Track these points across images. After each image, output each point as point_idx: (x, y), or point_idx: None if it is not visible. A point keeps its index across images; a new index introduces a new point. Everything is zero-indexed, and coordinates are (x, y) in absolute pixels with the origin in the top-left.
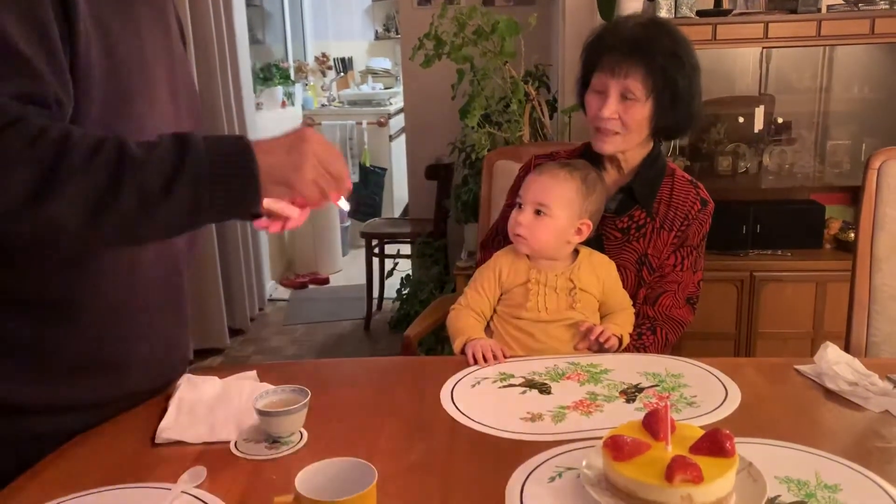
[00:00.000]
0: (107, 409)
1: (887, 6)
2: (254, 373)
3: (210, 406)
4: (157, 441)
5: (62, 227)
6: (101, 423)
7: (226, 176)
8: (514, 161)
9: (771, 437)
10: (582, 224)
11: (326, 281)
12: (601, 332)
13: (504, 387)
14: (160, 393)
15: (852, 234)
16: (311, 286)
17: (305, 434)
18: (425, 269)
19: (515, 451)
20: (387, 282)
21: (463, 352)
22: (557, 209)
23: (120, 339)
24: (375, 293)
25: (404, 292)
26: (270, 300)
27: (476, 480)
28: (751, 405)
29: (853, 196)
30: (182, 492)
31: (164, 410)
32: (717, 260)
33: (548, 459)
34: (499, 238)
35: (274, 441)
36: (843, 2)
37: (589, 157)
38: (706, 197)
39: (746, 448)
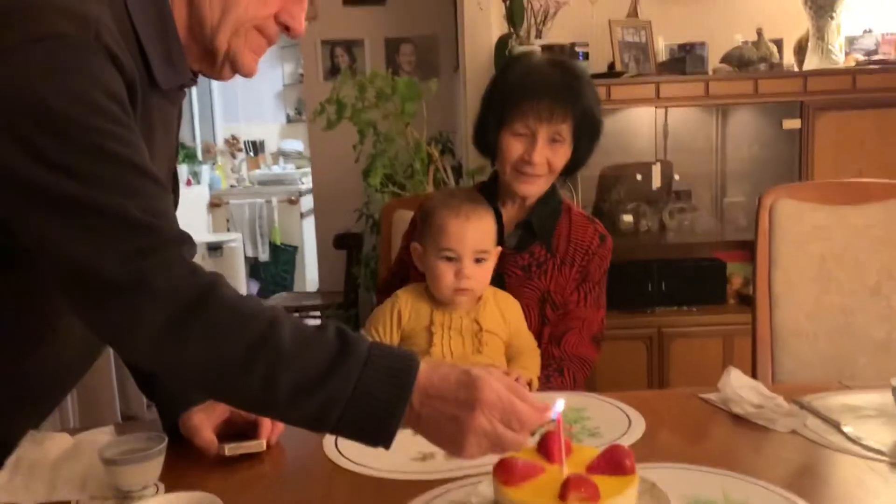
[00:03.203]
0: None
1: (767, 68)
2: (110, 427)
3: (54, 464)
4: None
5: (169, 367)
6: None
7: (364, 417)
8: (413, 211)
9: (677, 461)
10: (496, 252)
11: None
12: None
13: None
14: None
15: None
16: None
17: (162, 487)
18: None
19: (402, 492)
20: None
21: None
22: (493, 249)
23: None
24: None
25: None
26: None
27: None
28: (656, 432)
29: (752, 252)
30: None
31: None
32: (625, 318)
33: (437, 497)
34: (395, 281)
35: (124, 497)
36: (726, 65)
37: (487, 195)
38: (604, 232)
39: (651, 472)
